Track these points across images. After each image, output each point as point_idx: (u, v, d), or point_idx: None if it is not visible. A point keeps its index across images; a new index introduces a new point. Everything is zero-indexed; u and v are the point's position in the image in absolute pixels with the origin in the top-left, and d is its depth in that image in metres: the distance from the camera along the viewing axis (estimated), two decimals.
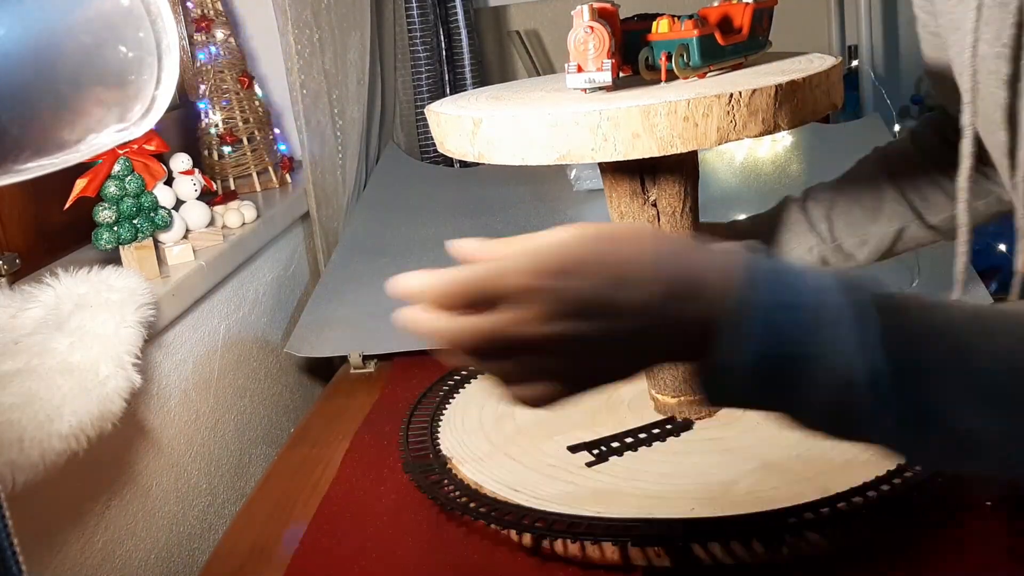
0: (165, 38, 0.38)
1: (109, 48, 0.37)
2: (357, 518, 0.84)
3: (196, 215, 1.14)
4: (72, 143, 0.37)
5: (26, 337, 0.80)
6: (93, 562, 0.87)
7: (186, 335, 1.08)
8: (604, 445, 0.82)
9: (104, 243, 0.99)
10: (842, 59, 0.75)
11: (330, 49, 1.45)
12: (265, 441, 1.26)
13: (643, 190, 0.77)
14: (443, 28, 1.81)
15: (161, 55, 0.38)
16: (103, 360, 0.80)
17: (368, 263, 1.37)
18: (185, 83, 1.44)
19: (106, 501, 0.90)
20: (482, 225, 1.47)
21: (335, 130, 1.49)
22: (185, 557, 1.03)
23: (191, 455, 1.07)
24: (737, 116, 0.65)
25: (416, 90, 1.76)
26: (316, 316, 1.25)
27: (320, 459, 0.97)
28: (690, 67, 0.72)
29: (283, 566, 0.79)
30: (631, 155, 0.65)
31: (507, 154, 0.68)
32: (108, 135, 0.39)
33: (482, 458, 0.84)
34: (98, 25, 0.37)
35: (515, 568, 0.74)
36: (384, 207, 1.54)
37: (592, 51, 0.68)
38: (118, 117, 0.38)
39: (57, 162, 0.37)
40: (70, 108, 0.36)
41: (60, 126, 0.36)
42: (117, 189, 0.99)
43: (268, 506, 0.91)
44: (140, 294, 0.88)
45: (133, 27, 0.37)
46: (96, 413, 0.76)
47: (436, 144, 0.76)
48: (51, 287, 0.86)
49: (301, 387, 1.40)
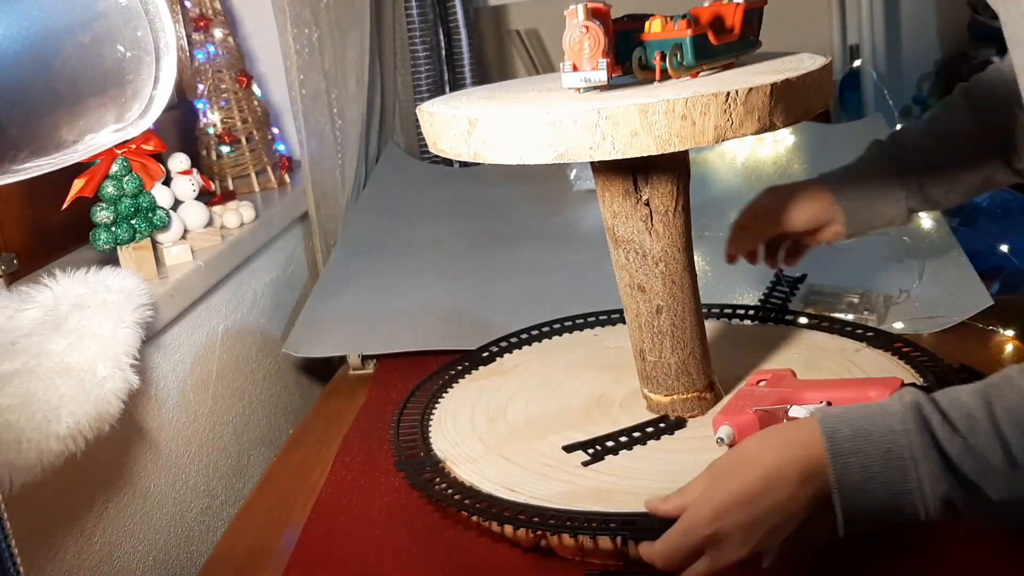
0: (163, 37, 0.38)
1: (107, 47, 0.37)
2: (353, 518, 0.84)
3: (194, 215, 1.14)
4: (70, 143, 0.37)
5: (24, 338, 0.80)
6: (91, 563, 0.87)
7: (184, 336, 1.08)
8: (599, 444, 0.82)
9: (102, 243, 0.99)
10: (831, 59, 0.75)
11: (329, 49, 1.45)
12: (264, 442, 1.26)
13: (636, 189, 0.77)
14: (443, 28, 1.81)
15: (159, 54, 0.38)
16: (101, 361, 0.80)
17: (367, 263, 1.37)
18: (183, 83, 1.44)
19: (104, 502, 0.90)
20: (482, 225, 1.47)
21: (334, 130, 1.49)
22: (183, 558, 1.03)
23: (189, 456, 1.07)
24: (734, 114, 0.65)
25: (416, 90, 1.76)
26: (314, 316, 1.25)
27: (319, 460, 0.97)
28: (683, 67, 0.72)
29: (281, 567, 0.79)
30: (629, 153, 0.66)
31: (504, 153, 0.69)
32: (106, 135, 0.39)
33: (476, 459, 0.84)
34: (96, 25, 0.37)
35: (512, 566, 0.75)
36: (383, 207, 1.54)
37: (587, 50, 0.68)
38: (116, 117, 0.38)
39: (55, 162, 0.37)
40: (68, 108, 0.36)
41: (58, 126, 0.36)
42: (115, 189, 0.99)
43: (267, 507, 0.91)
44: (138, 295, 0.88)
45: (131, 26, 0.37)
46: (94, 414, 0.76)
47: (428, 144, 0.76)
48: (49, 288, 0.86)
49: (300, 388, 1.40)
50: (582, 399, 0.92)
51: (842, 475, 0.59)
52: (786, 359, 0.94)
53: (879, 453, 0.59)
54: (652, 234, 0.79)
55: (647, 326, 0.83)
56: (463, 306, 1.23)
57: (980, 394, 0.59)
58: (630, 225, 0.79)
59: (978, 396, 0.59)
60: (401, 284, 1.31)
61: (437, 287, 1.29)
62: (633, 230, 0.79)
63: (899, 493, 0.58)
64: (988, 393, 0.59)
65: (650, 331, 0.83)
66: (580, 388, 0.95)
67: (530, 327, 1.10)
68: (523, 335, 1.09)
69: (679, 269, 0.81)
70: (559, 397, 0.94)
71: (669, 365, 0.84)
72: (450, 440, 0.88)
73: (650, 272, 0.80)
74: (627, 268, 0.81)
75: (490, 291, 1.26)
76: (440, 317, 1.21)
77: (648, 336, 0.84)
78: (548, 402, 0.93)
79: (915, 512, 0.59)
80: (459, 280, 1.30)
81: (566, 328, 1.10)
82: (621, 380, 0.94)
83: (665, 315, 0.82)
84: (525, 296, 1.24)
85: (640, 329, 0.84)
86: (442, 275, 1.32)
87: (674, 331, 0.82)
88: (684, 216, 0.80)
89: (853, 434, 0.60)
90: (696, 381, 0.85)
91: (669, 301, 0.81)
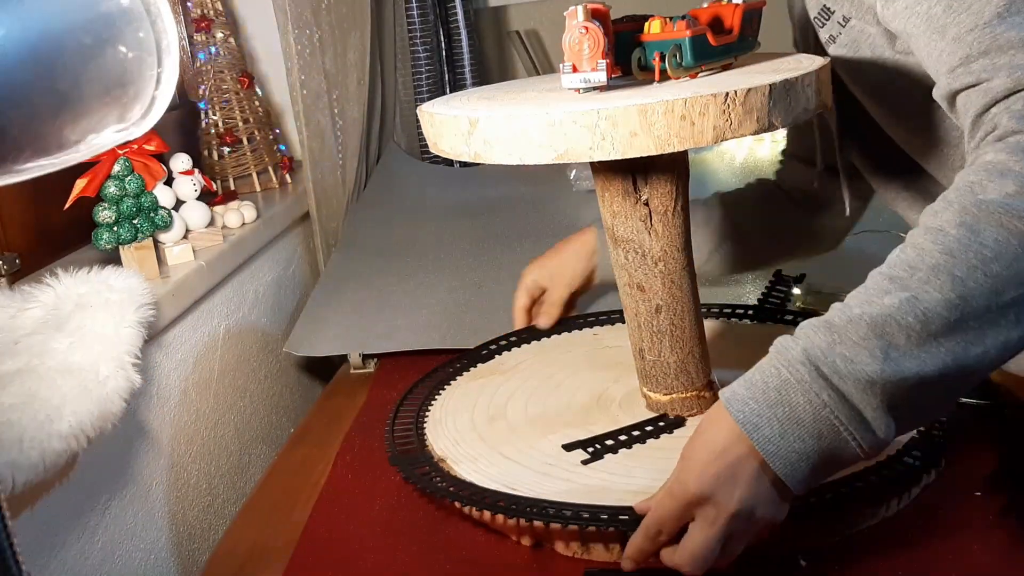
0: (165, 38, 0.39)
1: (109, 48, 0.37)
2: (354, 517, 0.84)
3: (196, 215, 1.15)
4: (72, 143, 0.37)
5: (26, 337, 0.80)
6: (93, 562, 0.87)
7: (186, 335, 1.09)
8: (599, 443, 0.82)
9: (104, 243, 0.99)
10: (830, 59, 0.75)
11: (330, 49, 1.46)
12: (265, 441, 1.26)
13: (635, 189, 0.78)
14: (443, 28, 1.81)
15: (161, 55, 0.39)
16: (103, 360, 0.80)
17: (368, 263, 1.38)
18: (185, 83, 1.45)
19: (106, 501, 0.90)
20: (482, 225, 1.48)
21: (335, 130, 1.49)
22: (185, 557, 1.03)
23: (191, 455, 1.07)
24: (733, 115, 0.65)
25: (416, 90, 1.77)
26: (316, 315, 1.25)
27: (320, 459, 0.97)
28: (682, 67, 0.72)
29: (283, 565, 0.79)
30: (628, 154, 0.66)
31: (504, 153, 0.69)
32: (108, 135, 0.39)
33: (476, 458, 0.84)
34: (98, 25, 0.37)
35: (513, 565, 0.75)
36: (384, 207, 1.54)
37: (587, 51, 0.68)
38: (118, 117, 0.38)
39: (57, 162, 0.37)
40: (70, 108, 0.36)
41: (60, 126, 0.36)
42: (117, 189, 0.99)
43: (268, 506, 0.92)
44: (140, 294, 0.89)
45: (133, 27, 0.38)
46: (96, 413, 0.76)
47: (428, 144, 0.77)
48: (51, 287, 0.86)
49: (301, 387, 1.40)
50: (582, 398, 0.93)
51: (760, 441, 0.61)
52: None
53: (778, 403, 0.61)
54: (651, 234, 0.79)
55: (646, 325, 0.83)
56: (463, 306, 1.23)
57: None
58: (629, 225, 0.79)
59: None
60: (402, 283, 1.31)
61: (437, 287, 1.29)
62: (632, 230, 0.80)
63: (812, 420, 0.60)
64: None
65: (649, 330, 0.83)
66: (580, 387, 0.95)
67: (530, 326, 1.10)
68: (523, 334, 1.09)
69: (678, 269, 0.81)
70: (559, 396, 0.94)
71: (668, 364, 0.84)
72: (450, 439, 0.88)
73: (649, 272, 0.81)
74: (626, 268, 0.82)
75: (490, 291, 1.26)
76: (441, 316, 1.21)
77: (647, 335, 0.84)
78: (548, 401, 0.93)
79: (841, 437, 0.60)
80: (459, 280, 1.30)
81: (566, 328, 1.10)
82: (620, 379, 0.94)
83: (664, 314, 0.82)
84: None
85: (639, 328, 0.84)
86: (442, 275, 1.32)
87: (673, 330, 0.83)
88: (683, 216, 0.80)
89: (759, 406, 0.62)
90: (695, 380, 0.85)
91: (668, 300, 0.82)
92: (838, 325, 0.60)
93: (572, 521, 0.70)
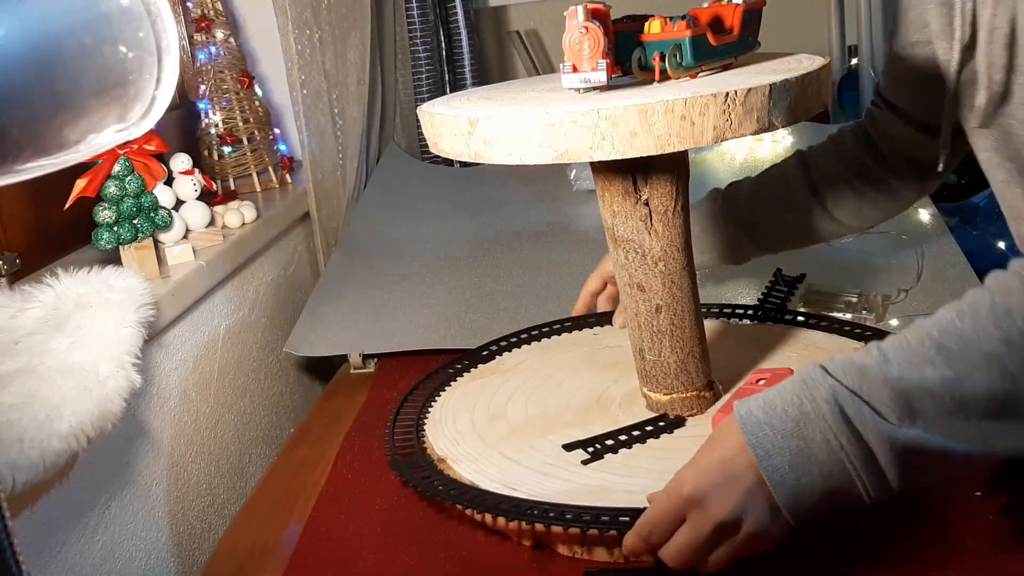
0: (165, 38, 0.39)
1: (109, 48, 0.37)
2: (354, 517, 0.84)
3: (196, 215, 1.15)
4: (72, 143, 0.37)
5: (26, 337, 0.80)
6: (93, 562, 0.87)
7: (186, 335, 1.09)
8: (599, 443, 0.82)
9: (104, 243, 0.99)
10: (830, 59, 0.75)
11: (330, 49, 1.46)
12: (265, 441, 1.26)
13: (635, 189, 0.78)
14: (443, 28, 1.81)
15: (161, 55, 0.39)
16: (103, 360, 0.80)
17: (368, 262, 1.38)
18: (185, 83, 1.45)
19: (106, 501, 0.90)
20: (482, 225, 1.48)
21: (335, 130, 1.49)
22: (185, 556, 1.03)
23: (191, 455, 1.07)
24: (733, 115, 0.65)
25: (416, 90, 1.77)
26: (316, 315, 1.25)
27: (320, 459, 0.97)
28: (683, 67, 0.72)
29: (283, 565, 0.79)
30: (628, 154, 0.66)
31: (504, 153, 0.69)
32: (108, 135, 0.39)
33: (476, 458, 0.84)
34: (98, 25, 0.37)
35: (513, 565, 0.75)
36: (384, 207, 1.54)
37: (587, 51, 0.68)
38: (118, 117, 0.38)
39: (57, 162, 0.37)
40: (70, 108, 0.36)
41: (60, 126, 0.36)
42: (117, 189, 0.99)
43: (268, 506, 0.92)
44: (140, 294, 0.89)
45: (133, 27, 0.38)
46: (96, 413, 0.76)
47: (429, 144, 0.77)
48: (51, 287, 0.86)
49: (301, 387, 1.40)
50: (582, 398, 0.93)
51: (768, 469, 0.61)
52: (785, 358, 0.95)
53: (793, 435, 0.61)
54: (651, 234, 0.79)
55: (646, 325, 0.83)
56: (463, 306, 1.23)
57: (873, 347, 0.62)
58: (629, 225, 0.79)
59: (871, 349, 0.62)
60: (402, 283, 1.31)
61: (437, 287, 1.29)
62: (632, 230, 0.80)
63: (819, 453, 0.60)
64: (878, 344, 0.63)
65: (649, 330, 0.83)
66: (580, 387, 0.95)
67: (530, 327, 1.10)
68: (523, 334, 1.09)
69: (678, 268, 0.81)
70: (559, 396, 0.94)
71: (668, 364, 0.84)
72: (451, 439, 0.88)
73: (649, 271, 0.81)
74: (626, 267, 0.82)
75: (490, 291, 1.26)
76: (440, 316, 1.21)
77: (647, 335, 0.84)
78: (548, 401, 0.93)
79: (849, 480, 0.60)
80: (459, 280, 1.30)
81: (566, 328, 1.10)
82: (620, 379, 0.94)
83: (664, 314, 0.82)
84: (525, 296, 1.24)
85: (639, 328, 0.84)
86: (442, 275, 1.32)
87: (673, 330, 0.83)
88: (683, 216, 0.80)
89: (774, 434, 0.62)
90: (695, 380, 0.85)
91: (668, 300, 0.82)
92: (873, 379, 0.60)
93: (573, 523, 0.70)
